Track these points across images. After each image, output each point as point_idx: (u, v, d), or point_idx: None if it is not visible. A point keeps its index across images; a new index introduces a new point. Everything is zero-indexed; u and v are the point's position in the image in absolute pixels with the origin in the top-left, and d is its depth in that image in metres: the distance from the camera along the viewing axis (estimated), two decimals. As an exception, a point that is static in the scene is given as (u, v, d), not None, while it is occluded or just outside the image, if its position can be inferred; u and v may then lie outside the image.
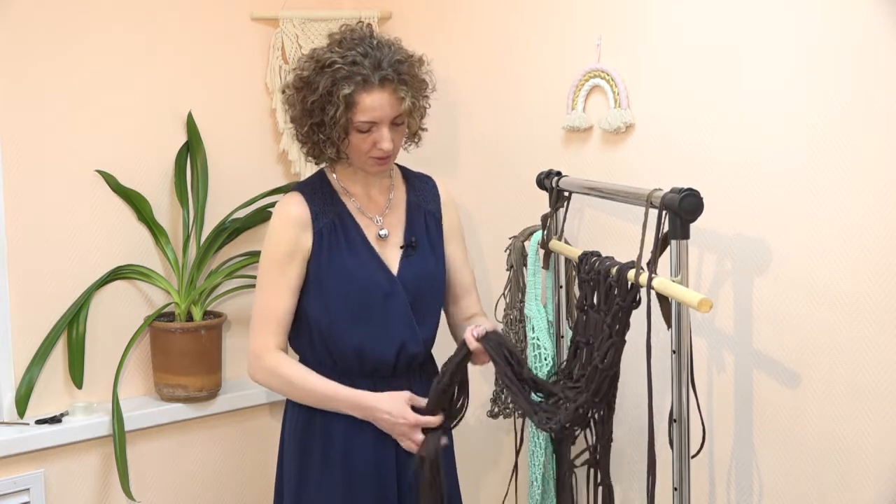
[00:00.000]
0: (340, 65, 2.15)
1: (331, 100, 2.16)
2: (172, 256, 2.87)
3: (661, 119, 2.33)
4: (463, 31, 2.85)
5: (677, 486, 1.96)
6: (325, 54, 2.19)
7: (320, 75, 2.17)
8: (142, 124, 2.86)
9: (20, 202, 2.67)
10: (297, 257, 2.26)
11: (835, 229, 2.01)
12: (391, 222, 2.34)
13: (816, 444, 2.08)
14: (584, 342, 2.14)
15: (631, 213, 2.31)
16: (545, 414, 2.11)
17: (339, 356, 2.27)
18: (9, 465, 2.63)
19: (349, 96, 2.15)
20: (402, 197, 2.38)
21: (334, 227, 2.27)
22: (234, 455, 3.03)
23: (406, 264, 2.30)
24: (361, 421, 2.24)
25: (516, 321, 2.55)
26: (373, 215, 2.32)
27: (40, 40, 2.68)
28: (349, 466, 2.25)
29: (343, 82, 2.14)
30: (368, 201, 2.33)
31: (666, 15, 2.30)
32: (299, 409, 2.30)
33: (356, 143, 2.21)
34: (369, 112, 2.17)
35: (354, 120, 2.17)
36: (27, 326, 2.69)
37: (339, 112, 2.15)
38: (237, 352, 3.02)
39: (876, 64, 1.93)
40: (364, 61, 2.16)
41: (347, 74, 2.15)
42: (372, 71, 2.16)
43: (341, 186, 2.33)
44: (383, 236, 2.31)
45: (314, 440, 2.28)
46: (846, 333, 2.01)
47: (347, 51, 2.17)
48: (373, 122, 2.18)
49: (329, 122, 2.17)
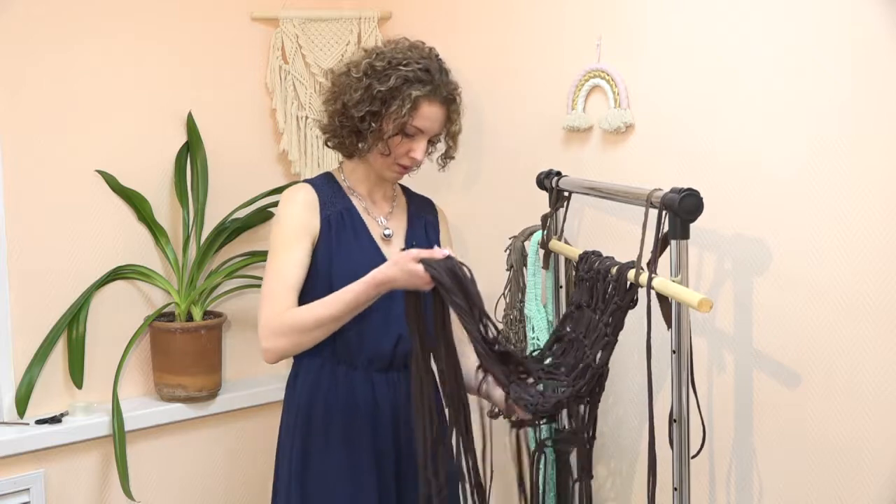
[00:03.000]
0: (415, 68, 2.25)
1: (398, 95, 2.24)
2: (172, 256, 2.87)
3: (661, 119, 2.33)
4: (463, 32, 2.85)
5: (677, 486, 1.96)
6: (398, 53, 2.28)
7: (394, 70, 2.25)
8: (142, 124, 2.86)
9: (20, 202, 2.67)
10: (306, 236, 2.28)
11: (835, 229, 2.01)
12: (394, 225, 2.40)
13: (816, 443, 2.08)
14: (572, 336, 2.13)
15: (631, 213, 2.31)
16: (519, 390, 2.05)
17: (341, 343, 2.27)
18: (9, 465, 2.63)
19: (417, 98, 2.24)
20: (403, 207, 2.46)
21: (342, 217, 2.32)
22: (234, 455, 3.03)
23: None
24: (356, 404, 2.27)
25: (516, 321, 2.55)
26: (377, 216, 2.38)
27: (41, 40, 2.68)
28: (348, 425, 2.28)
29: (415, 84, 2.25)
30: (373, 204, 2.40)
31: (666, 15, 2.30)
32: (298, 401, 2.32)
33: (394, 145, 2.28)
34: (424, 120, 2.27)
35: (410, 122, 2.26)
36: (27, 326, 2.69)
37: (405, 110, 2.23)
38: (237, 352, 3.03)
39: (876, 64, 1.93)
40: (435, 74, 2.28)
41: (420, 78, 2.26)
42: (441, 85, 2.28)
43: (349, 186, 2.39)
44: (387, 236, 2.37)
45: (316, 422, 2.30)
46: (846, 333, 2.01)
47: (421, 58, 2.29)
48: (421, 130, 2.28)
49: (387, 115, 2.25)
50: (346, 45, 3.08)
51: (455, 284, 2.04)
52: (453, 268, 2.05)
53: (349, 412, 2.28)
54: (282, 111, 3.04)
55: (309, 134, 3.08)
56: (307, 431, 2.30)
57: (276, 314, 2.21)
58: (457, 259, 2.07)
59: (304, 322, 2.18)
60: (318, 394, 2.30)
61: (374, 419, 2.29)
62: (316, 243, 2.30)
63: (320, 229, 2.30)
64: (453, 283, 2.04)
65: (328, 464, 2.28)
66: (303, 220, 2.29)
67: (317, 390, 2.31)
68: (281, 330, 2.20)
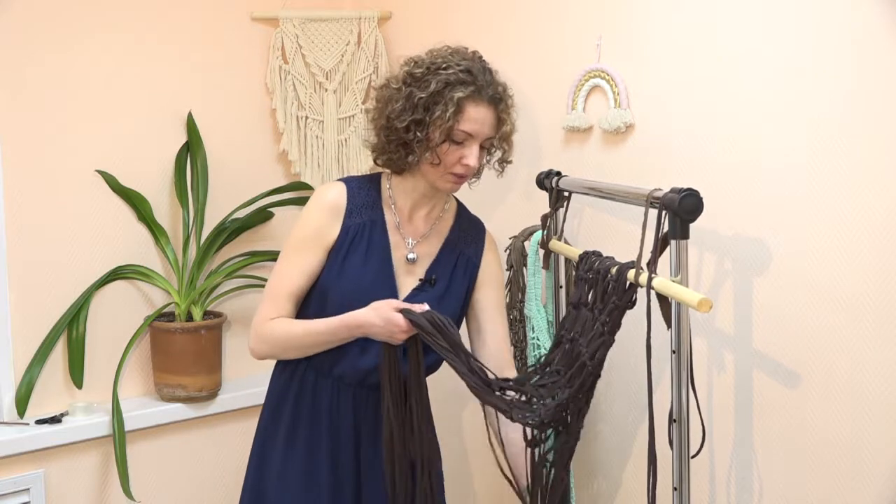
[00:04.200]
0: (455, 70, 2.17)
1: (441, 100, 2.15)
2: (172, 256, 2.87)
3: (661, 119, 2.33)
4: (463, 32, 2.84)
5: (677, 486, 1.96)
6: (437, 58, 2.20)
7: (433, 75, 2.17)
8: (142, 124, 2.86)
9: (20, 202, 2.67)
10: (321, 243, 2.24)
11: (835, 229, 2.01)
12: (422, 251, 2.29)
13: (816, 443, 2.08)
14: (569, 338, 2.13)
15: (631, 213, 2.31)
16: (520, 411, 2.05)
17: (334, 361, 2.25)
18: (9, 465, 2.63)
19: (461, 100, 2.15)
20: (445, 232, 2.34)
21: (363, 231, 2.24)
22: (234, 455, 3.03)
23: (415, 295, 2.25)
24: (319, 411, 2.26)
25: (516, 321, 2.55)
26: (407, 236, 2.29)
27: (41, 40, 2.68)
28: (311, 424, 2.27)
29: (458, 86, 2.16)
30: (408, 222, 2.30)
31: (666, 15, 2.30)
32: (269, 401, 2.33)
33: (443, 153, 2.18)
34: (472, 123, 2.17)
35: (456, 127, 2.16)
36: (27, 326, 2.69)
37: (449, 114, 2.14)
38: (237, 352, 3.03)
39: (876, 63, 1.93)
40: (478, 74, 2.19)
41: (462, 80, 2.16)
42: (486, 85, 2.19)
43: (389, 196, 2.29)
44: (411, 260, 2.28)
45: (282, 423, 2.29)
46: (846, 333, 2.01)
47: (462, 60, 2.20)
48: (470, 134, 2.17)
49: (432, 121, 2.16)
50: (346, 45, 3.08)
51: (436, 330, 2.05)
52: (433, 318, 2.06)
53: (313, 418, 2.27)
54: (282, 111, 3.04)
55: (309, 134, 3.08)
56: (272, 431, 2.30)
57: (266, 319, 2.22)
58: (437, 313, 2.07)
59: (284, 339, 2.22)
60: (287, 395, 2.30)
61: (335, 428, 2.26)
62: (329, 252, 2.24)
63: (338, 238, 2.24)
64: (434, 329, 2.05)
65: (286, 465, 2.27)
66: (321, 226, 2.24)
67: (287, 392, 2.30)
68: (263, 337, 2.23)
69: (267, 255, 2.99)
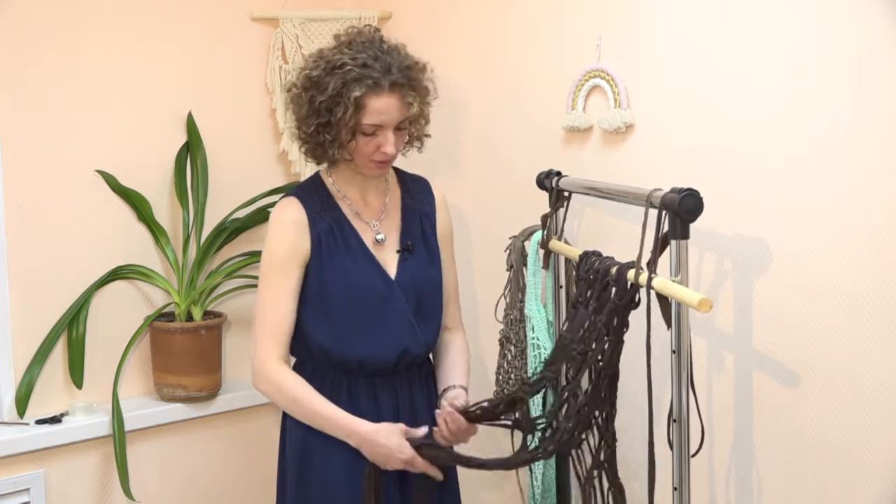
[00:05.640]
0: (351, 66, 2.14)
1: (340, 101, 2.15)
2: (172, 256, 2.87)
3: (661, 119, 2.33)
4: (463, 31, 2.85)
5: (677, 486, 1.96)
6: (334, 55, 2.18)
7: (330, 76, 2.16)
8: (142, 124, 2.86)
9: (20, 202, 2.67)
10: (296, 260, 2.24)
11: (835, 229, 2.01)
12: (387, 226, 2.33)
13: (816, 443, 2.08)
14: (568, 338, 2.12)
15: (631, 213, 2.31)
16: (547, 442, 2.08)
17: (340, 362, 2.26)
18: (9, 465, 2.63)
19: (359, 98, 2.14)
20: (398, 200, 2.37)
21: (332, 232, 2.26)
22: (234, 455, 3.03)
23: (403, 268, 2.29)
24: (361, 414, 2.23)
25: (516, 321, 2.54)
26: (369, 219, 2.31)
27: (41, 40, 2.68)
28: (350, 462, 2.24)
29: (354, 84, 2.14)
30: (364, 205, 2.32)
31: (666, 15, 2.30)
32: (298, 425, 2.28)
33: (360, 145, 2.20)
34: (377, 115, 2.17)
35: (362, 122, 2.17)
36: (27, 326, 2.69)
37: (349, 114, 2.14)
38: (237, 352, 3.03)
39: (876, 64, 1.93)
40: (375, 64, 2.16)
41: (358, 76, 2.14)
42: (382, 75, 2.16)
43: (337, 190, 2.31)
44: (380, 240, 2.30)
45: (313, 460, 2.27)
46: (846, 333, 2.01)
47: (358, 53, 2.16)
48: (379, 125, 2.18)
49: (336, 122, 2.17)
50: (346, 45, 3.08)
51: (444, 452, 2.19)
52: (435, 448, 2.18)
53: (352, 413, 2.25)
54: (282, 111, 3.04)
55: (309, 134, 3.08)
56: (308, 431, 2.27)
57: (271, 358, 2.22)
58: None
59: (291, 400, 2.24)
60: None
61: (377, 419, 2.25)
62: (308, 265, 2.25)
63: (311, 250, 2.25)
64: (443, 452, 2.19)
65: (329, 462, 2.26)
66: (292, 246, 2.24)
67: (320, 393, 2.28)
68: (272, 381, 2.23)
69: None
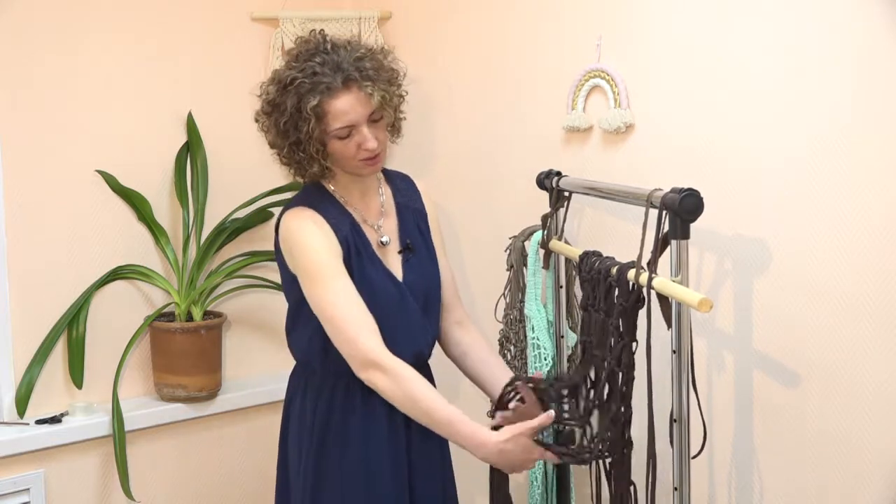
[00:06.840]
0: (301, 79, 2.12)
1: (301, 116, 2.12)
2: (172, 256, 2.87)
3: (661, 119, 2.33)
4: (463, 31, 2.85)
5: (677, 486, 1.96)
6: (284, 73, 2.16)
7: (285, 95, 2.13)
8: (142, 124, 2.86)
9: (20, 202, 2.67)
10: (339, 257, 2.18)
11: (835, 229, 2.01)
12: (388, 228, 2.30)
13: (816, 443, 2.08)
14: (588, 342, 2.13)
15: (631, 213, 2.31)
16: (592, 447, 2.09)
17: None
18: (9, 465, 2.63)
19: (317, 107, 2.11)
20: (391, 199, 2.34)
21: (351, 239, 2.22)
22: (234, 455, 3.03)
23: (408, 269, 2.27)
24: (376, 419, 2.20)
25: (516, 321, 2.55)
26: (373, 223, 2.28)
27: (41, 41, 2.68)
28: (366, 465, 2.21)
29: (308, 95, 2.11)
30: (367, 209, 2.29)
31: (666, 15, 2.30)
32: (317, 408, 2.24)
33: (340, 150, 2.16)
34: (343, 117, 2.13)
35: (330, 129, 2.13)
36: (27, 326, 2.69)
37: (313, 125, 2.12)
38: (237, 352, 3.03)
39: (876, 64, 1.93)
40: (323, 69, 2.12)
41: (310, 87, 2.11)
42: (333, 76, 2.12)
43: (340, 197, 2.27)
44: (385, 243, 2.27)
45: (332, 439, 2.23)
46: (846, 333, 2.01)
47: (305, 63, 2.14)
48: (349, 125, 2.14)
49: (305, 138, 2.14)
50: (346, 45, 3.08)
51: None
52: None
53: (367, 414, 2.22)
54: (282, 111, 3.04)
55: (309, 134, 3.07)
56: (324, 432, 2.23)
57: (374, 346, 2.12)
58: None
59: (415, 401, 2.11)
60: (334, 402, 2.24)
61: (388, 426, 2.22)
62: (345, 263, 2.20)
63: (343, 250, 2.19)
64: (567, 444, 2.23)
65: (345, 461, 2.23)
66: (330, 244, 2.17)
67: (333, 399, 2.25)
68: (399, 384, 2.11)
69: (267, 255, 2.98)
